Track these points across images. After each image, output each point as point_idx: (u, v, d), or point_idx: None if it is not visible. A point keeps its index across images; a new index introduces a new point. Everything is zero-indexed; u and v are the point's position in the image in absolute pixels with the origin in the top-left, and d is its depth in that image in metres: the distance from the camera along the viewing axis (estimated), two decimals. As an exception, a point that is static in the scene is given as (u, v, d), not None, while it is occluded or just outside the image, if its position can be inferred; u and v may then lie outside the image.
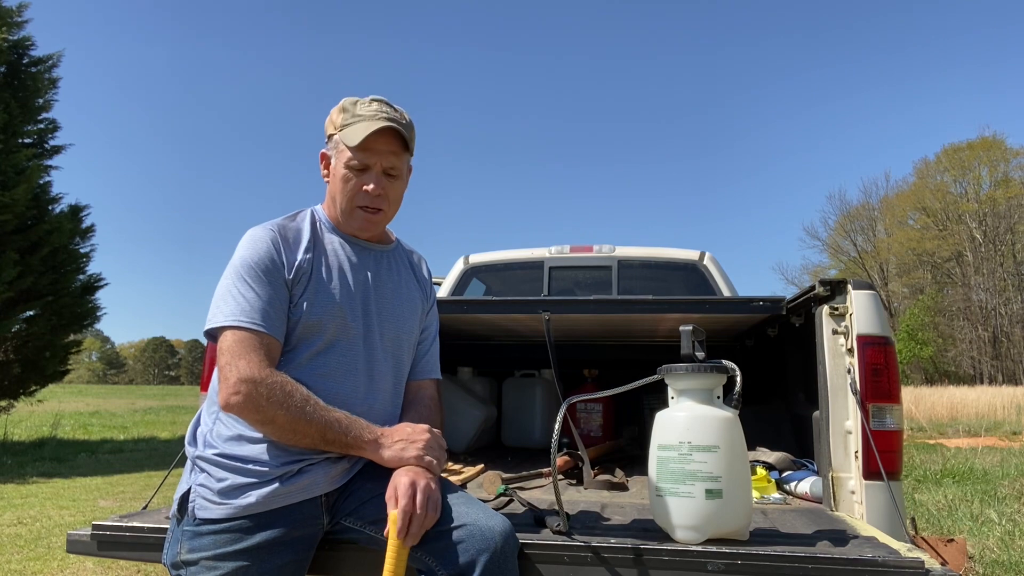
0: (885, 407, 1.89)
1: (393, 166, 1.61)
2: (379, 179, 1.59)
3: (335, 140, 1.62)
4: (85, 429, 14.83)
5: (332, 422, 1.46)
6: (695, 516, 1.48)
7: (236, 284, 1.52)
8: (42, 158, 11.24)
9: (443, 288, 4.53)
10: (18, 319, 10.62)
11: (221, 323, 1.49)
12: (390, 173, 1.61)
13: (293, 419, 1.43)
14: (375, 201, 1.61)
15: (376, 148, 1.58)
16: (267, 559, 1.43)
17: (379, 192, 1.60)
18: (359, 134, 1.56)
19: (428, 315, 1.81)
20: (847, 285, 1.98)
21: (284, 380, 1.46)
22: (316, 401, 1.46)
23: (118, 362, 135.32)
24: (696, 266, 4.34)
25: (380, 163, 1.59)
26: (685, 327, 1.62)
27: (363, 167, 1.59)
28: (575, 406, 3.39)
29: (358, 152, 1.57)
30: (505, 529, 1.42)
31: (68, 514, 5.27)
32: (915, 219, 47.78)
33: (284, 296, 1.54)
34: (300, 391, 1.46)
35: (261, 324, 1.48)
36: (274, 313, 1.51)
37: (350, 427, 1.48)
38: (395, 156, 1.61)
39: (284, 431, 1.44)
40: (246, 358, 1.44)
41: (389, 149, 1.59)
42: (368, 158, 1.58)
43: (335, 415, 1.47)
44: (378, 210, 1.62)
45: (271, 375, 1.45)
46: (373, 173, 1.59)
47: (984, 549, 4.06)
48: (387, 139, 1.59)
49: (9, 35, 10.56)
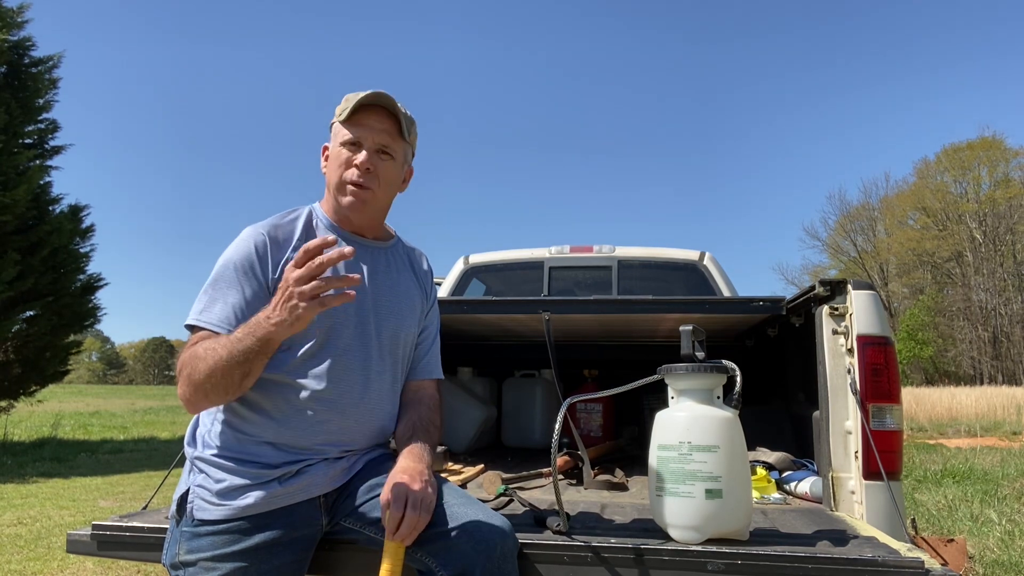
0: (885, 407, 1.89)
1: (386, 145, 1.60)
2: (371, 155, 1.59)
3: (333, 128, 1.63)
4: (85, 429, 14.84)
5: (233, 340, 1.37)
6: (695, 516, 1.48)
7: (209, 283, 1.53)
8: (42, 158, 11.26)
9: (443, 288, 4.53)
10: (18, 319, 10.64)
11: (186, 321, 1.52)
12: (384, 151, 1.61)
13: (209, 365, 1.37)
14: (365, 177, 1.58)
15: (368, 124, 1.58)
16: (266, 560, 1.43)
17: (368, 166, 1.58)
18: (349, 104, 1.58)
19: (429, 314, 1.79)
20: (847, 285, 1.98)
21: (196, 345, 1.44)
22: (219, 337, 1.42)
23: (118, 362, 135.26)
24: (696, 266, 4.34)
25: (372, 139, 1.59)
26: (685, 327, 1.62)
27: (355, 142, 1.59)
28: (575, 406, 3.39)
29: (349, 127, 1.58)
30: (505, 529, 1.42)
31: (68, 514, 5.27)
32: (915, 219, 47.80)
33: (260, 296, 1.51)
34: (206, 341, 1.43)
35: (216, 324, 1.47)
36: (236, 314, 1.49)
37: (246, 330, 1.37)
38: (387, 135, 1.60)
39: (214, 379, 1.38)
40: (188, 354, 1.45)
41: (381, 127, 1.59)
42: (360, 133, 1.58)
43: (234, 334, 1.39)
44: (367, 188, 1.60)
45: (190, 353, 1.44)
46: (364, 149, 1.59)
47: (984, 549, 4.06)
48: (379, 116, 1.59)
49: (10, 35, 10.57)
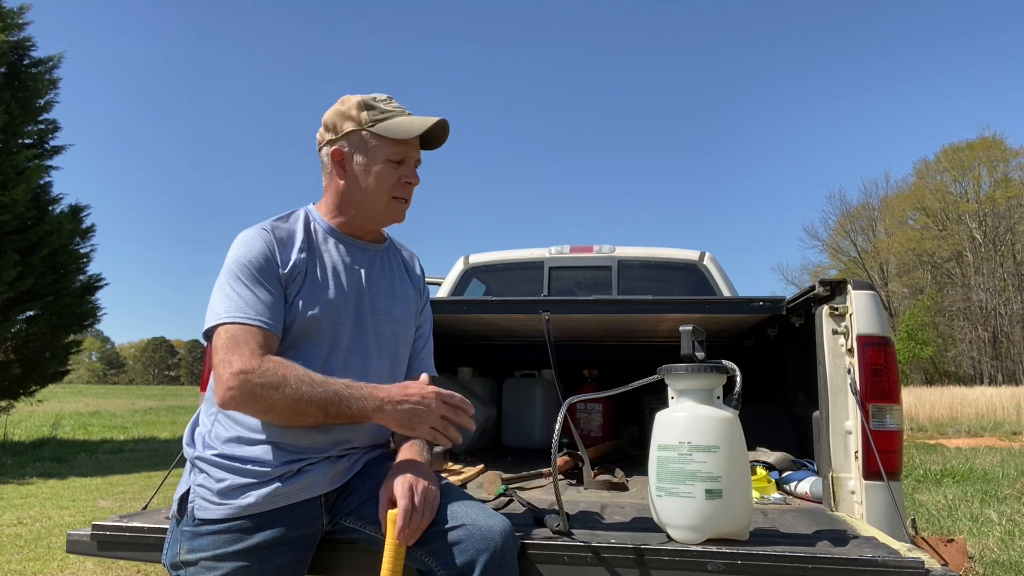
0: (885, 407, 1.90)
1: (419, 158, 1.68)
2: (414, 171, 1.67)
3: (361, 137, 1.60)
4: (85, 429, 14.83)
5: (332, 396, 1.41)
6: (695, 516, 1.48)
7: (229, 283, 1.51)
8: (42, 158, 11.26)
9: (443, 288, 4.53)
10: (18, 319, 10.64)
11: (214, 322, 1.47)
12: (418, 164, 1.69)
13: (291, 400, 1.39)
14: (409, 191, 1.67)
15: (415, 142, 1.65)
16: (267, 559, 1.43)
17: (417, 182, 1.67)
18: (412, 127, 1.60)
19: (422, 313, 1.81)
20: (847, 285, 1.98)
21: (278, 362, 1.42)
22: (313, 377, 1.42)
23: (118, 362, 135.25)
24: (696, 266, 4.34)
25: (415, 155, 1.66)
26: (685, 327, 1.62)
27: (401, 160, 1.63)
28: (575, 406, 3.39)
29: (401, 146, 1.61)
30: (505, 529, 1.42)
31: (68, 514, 5.27)
32: (915, 219, 47.78)
33: (279, 293, 1.53)
34: (295, 370, 1.42)
35: (255, 318, 1.46)
36: (269, 308, 1.49)
37: (351, 398, 1.42)
38: (419, 150, 1.68)
39: (285, 414, 1.41)
40: (238, 352, 1.42)
41: (415, 143, 1.66)
42: (410, 151, 1.64)
43: (334, 387, 1.42)
44: (409, 202, 1.69)
45: (264, 362, 1.41)
46: (410, 165, 1.65)
47: (984, 549, 4.06)
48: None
49: (10, 36, 10.57)
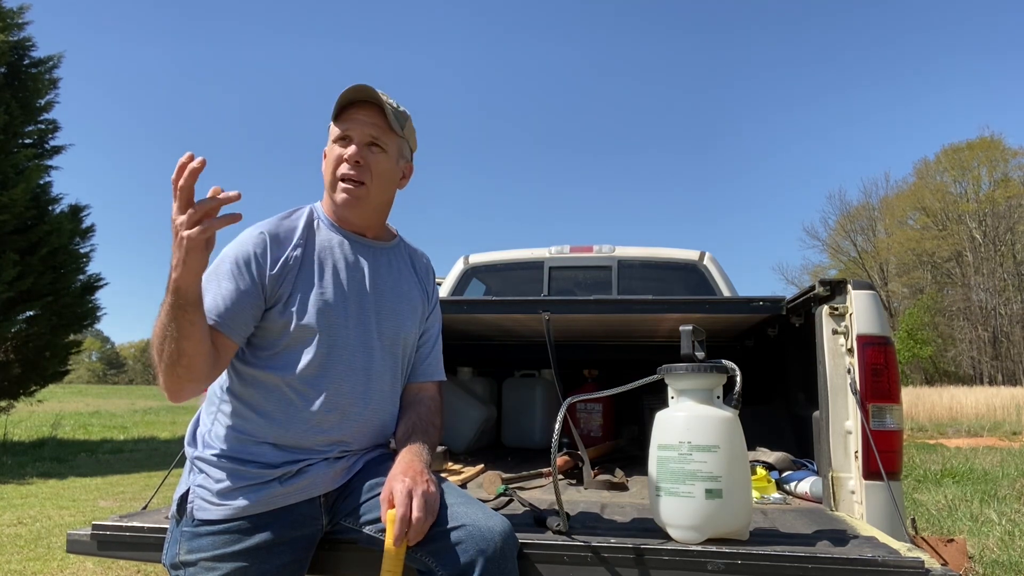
0: (885, 407, 1.90)
1: (376, 137, 1.59)
2: (360, 149, 1.58)
3: (329, 129, 1.63)
4: (85, 429, 14.84)
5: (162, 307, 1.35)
6: (695, 516, 1.48)
7: (204, 278, 1.50)
8: (42, 158, 11.28)
9: (443, 288, 4.53)
10: (18, 319, 10.64)
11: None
12: (375, 144, 1.60)
13: (155, 342, 1.36)
14: (356, 170, 1.58)
15: (356, 118, 1.59)
16: (266, 560, 1.43)
17: (358, 159, 1.57)
18: (339, 99, 1.57)
19: (430, 316, 1.79)
20: (847, 285, 1.98)
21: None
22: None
23: (118, 362, 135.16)
24: (696, 266, 4.34)
25: (361, 132, 1.59)
26: (685, 327, 1.62)
27: (344, 137, 1.59)
28: (575, 406, 3.39)
29: (339, 123, 1.59)
30: (504, 529, 1.42)
31: (68, 514, 5.27)
32: (915, 219, 47.78)
33: (252, 292, 1.50)
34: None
35: (210, 317, 1.44)
36: (229, 308, 1.47)
37: (167, 291, 1.33)
38: (376, 128, 1.59)
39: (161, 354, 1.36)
40: None
41: (370, 120, 1.59)
42: (348, 127, 1.58)
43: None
44: (359, 183, 1.59)
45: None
46: (354, 143, 1.58)
47: (984, 549, 4.07)
48: (367, 110, 1.60)
49: (10, 36, 10.58)
